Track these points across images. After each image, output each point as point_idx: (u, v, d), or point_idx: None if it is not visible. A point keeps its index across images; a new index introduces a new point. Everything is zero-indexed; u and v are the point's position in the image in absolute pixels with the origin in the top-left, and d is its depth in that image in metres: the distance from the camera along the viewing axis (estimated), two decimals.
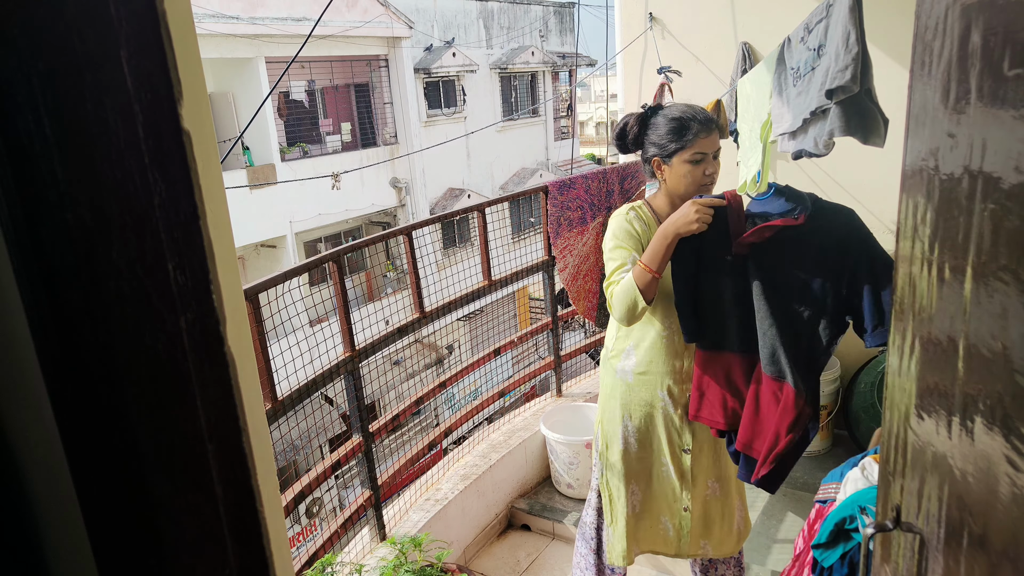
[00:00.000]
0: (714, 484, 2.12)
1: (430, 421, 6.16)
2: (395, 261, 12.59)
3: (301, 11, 11.30)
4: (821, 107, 1.62)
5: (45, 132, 0.37)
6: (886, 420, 1.16)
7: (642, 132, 1.92)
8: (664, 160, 1.88)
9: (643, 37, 3.64)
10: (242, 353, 0.48)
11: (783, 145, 1.85)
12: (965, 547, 0.84)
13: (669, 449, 2.06)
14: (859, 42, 1.50)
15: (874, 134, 1.57)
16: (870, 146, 1.59)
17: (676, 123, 1.84)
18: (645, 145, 1.93)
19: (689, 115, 1.83)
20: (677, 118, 1.84)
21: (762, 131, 2.01)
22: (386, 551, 2.53)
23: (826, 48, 1.62)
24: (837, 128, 1.58)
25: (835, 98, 1.56)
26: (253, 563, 0.50)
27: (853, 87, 1.51)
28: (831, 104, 1.59)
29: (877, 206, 3.22)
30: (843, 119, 1.57)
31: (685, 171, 1.86)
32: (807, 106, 1.67)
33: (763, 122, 2.00)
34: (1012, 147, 0.70)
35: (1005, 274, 0.72)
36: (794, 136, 1.79)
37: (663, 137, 1.87)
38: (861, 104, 1.56)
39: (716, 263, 2.10)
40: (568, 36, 17.57)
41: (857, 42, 1.50)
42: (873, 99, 1.56)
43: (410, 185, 13.56)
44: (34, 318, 0.38)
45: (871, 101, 1.56)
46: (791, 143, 1.81)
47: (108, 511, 0.41)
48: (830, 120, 1.60)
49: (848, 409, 3.30)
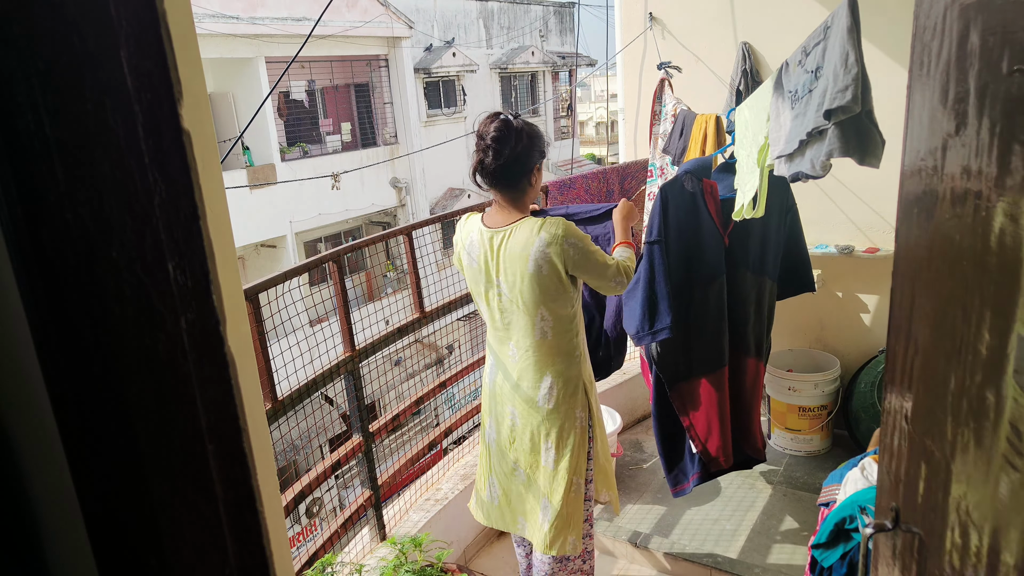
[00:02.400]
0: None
1: (430, 421, 6.17)
2: (395, 261, 12.58)
3: (301, 11, 11.30)
4: (818, 128, 1.62)
5: (45, 132, 0.37)
6: (885, 420, 1.16)
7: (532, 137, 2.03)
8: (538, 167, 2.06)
9: (643, 37, 3.65)
10: (242, 353, 0.48)
11: (779, 168, 1.86)
12: (965, 547, 0.84)
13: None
14: (858, 63, 1.51)
15: (871, 154, 1.57)
16: (866, 166, 1.59)
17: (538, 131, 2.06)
18: (532, 152, 2.02)
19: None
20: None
21: (759, 155, 2.02)
22: (386, 551, 2.53)
23: (824, 70, 1.62)
24: (836, 149, 1.58)
25: (834, 119, 1.56)
26: (253, 563, 0.50)
27: (854, 107, 1.52)
28: (829, 125, 1.59)
29: (877, 205, 3.22)
30: (841, 140, 1.57)
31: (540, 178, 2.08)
32: (804, 127, 1.67)
33: (760, 146, 2.01)
34: (1010, 148, 0.70)
35: (1004, 274, 0.72)
36: (791, 159, 1.79)
37: (543, 143, 2.06)
38: (860, 125, 1.56)
39: (711, 259, 2.24)
40: (568, 36, 17.57)
41: (856, 63, 1.51)
42: (873, 120, 1.56)
43: (410, 185, 13.56)
44: (34, 318, 0.38)
45: (871, 122, 1.56)
46: (787, 166, 1.81)
47: (108, 511, 0.42)
48: (828, 141, 1.60)
49: (848, 409, 3.30)
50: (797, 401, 3.26)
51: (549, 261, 1.92)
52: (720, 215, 2.36)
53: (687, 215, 2.31)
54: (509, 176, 1.98)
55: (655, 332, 2.25)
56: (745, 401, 2.60)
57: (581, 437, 2.12)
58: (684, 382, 2.45)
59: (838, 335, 3.46)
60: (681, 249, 2.32)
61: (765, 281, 2.55)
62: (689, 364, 2.44)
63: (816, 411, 3.26)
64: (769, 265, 2.54)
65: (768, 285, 2.57)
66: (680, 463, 2.55)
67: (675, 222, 2.29)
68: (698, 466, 2.50)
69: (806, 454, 3.34)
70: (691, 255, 2.35)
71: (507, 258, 1.98)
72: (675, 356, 2.41)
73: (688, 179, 2.31)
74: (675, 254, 2.31)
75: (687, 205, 2.31)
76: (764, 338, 2.62)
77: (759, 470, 3.23)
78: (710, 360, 2.45)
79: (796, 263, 2.65)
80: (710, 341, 2.44)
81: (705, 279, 2.38)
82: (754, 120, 2.08)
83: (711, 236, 2.35)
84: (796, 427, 3.31)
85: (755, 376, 2.60)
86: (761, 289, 2.55)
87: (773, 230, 2.50)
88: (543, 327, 2.02)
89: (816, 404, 3.25)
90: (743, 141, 2.18)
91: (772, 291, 2.60)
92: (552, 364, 2.05)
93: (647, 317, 2.25)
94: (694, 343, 2.42)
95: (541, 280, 1.95)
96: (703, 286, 2.38)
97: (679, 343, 2.39)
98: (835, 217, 3.29)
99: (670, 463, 2.56)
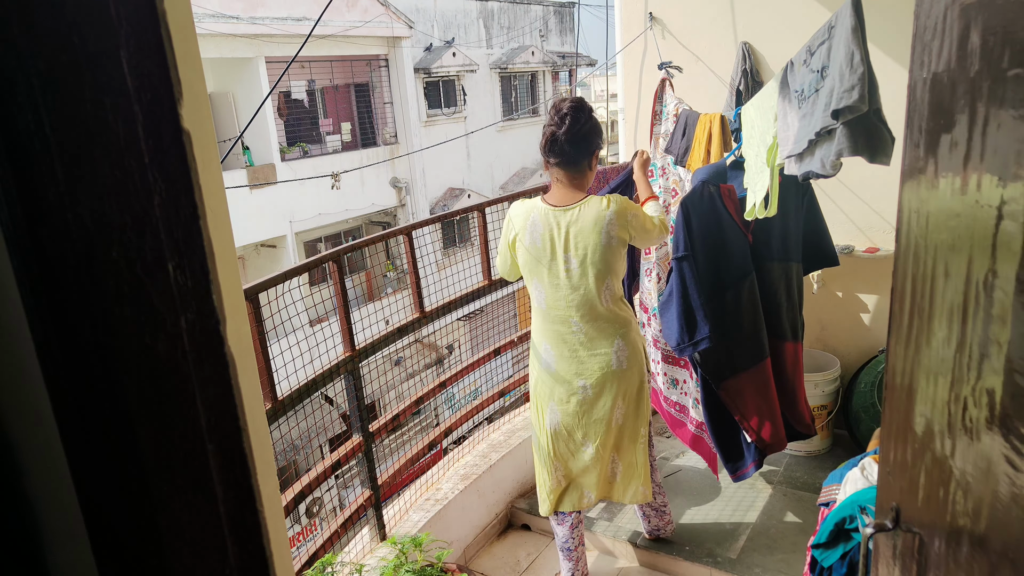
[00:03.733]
0: None
1: (430, 421, 6.17)
2: (395, 261, 12.58)
3: (301, 11, 11.29)
4: (827, 127, 1.62)
5: (45, 132, 0.37)
6: (885, 420, 1.16)
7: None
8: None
9: (643, 37, 3.64)
10: (242, 353, 0.48)
11: (790, 168, 1.87)
12: (965, 547, 0.84)
13: None
14: (864, 62, 1.51)
15: (881, 152, 1.57)
16: (876, 164, 1.59)
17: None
18: (595, 136, 2.23)
19: None
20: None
21: (768, 155, 2.02)
22: (386, 551, 2.53)
23: (829, 69, 1.62)
24: (845, 148, 1.58)
25: (842, 118, 1.56)
26: (253, 563, 0.50)
27: (861, 106, 1.52)
28: (837, 125, 1.59)
29: (878, 205, 3.22)
30: (851, 139, 1.57)
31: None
32: (813, 127, 1.67)
33: (768, 146, 2.01)
34: (1011, 147, 0.70)
35: (1004, 274, 0.72)
36: (801, 158, 1.79)
37: (602, 136, 2.27)
38: (868, 123, 1.56)
39: (737, 259, 2.27)
40: (568, 36, 17.56)
41: (862, 62, 1.51)
42: (881, 118, 1.56)
43: (410, 185, 13.56)
44: (34, 318, 0.38)
45: (879, 120, 1.56)
46: (798, 165, 1.81)
47: (108, 511, 0.42)
48: (837, 140, 1.60)
49: (848, 409, 3.30)
50: None
51: (618, 233, 2.16)
52: (740, 215, 2.40)
53: (710, 223, 2.36)
54: (576, 152, 2.18)
55: (696, 343, 2.36)
56: (789, 383, 2.66)
57: (646, 393, 2.37)
58: (731, 379, 2.49)
59: (838, 335, 3.46)
60: (709, 257, 2.37)
61: (791, 266, 2.60)
62: (732, 362, 2.47)
63: (816, 411, 3.26)
64: (793, 250, 2.59)
65: (794, 269, 2.63)
66: (737, 454, 2.60)
67: (699, 232, 2.35)
68: (755, 454, 2.56)
69: (806, 454, 3.34)
70: (719, 260, 2.39)
71: (578, 233, 2.17)
72: (717, 357, 2.45)
73: (705, 188, 2.34)
74: (703, 263, 2.36)
75: (709, 214, 2.36)
76: (797, 320, 2.67)
77: (760, 469, 3.23)
78: (752, 355, 2.49)
79: (818, 240, 2.69)
80: (749, 337, 2.47)
81: (735, 280, 2.43)
82: (761, 120, 2.08)
83: (735, 237, 2.39)
84: None
85: (795, 358, 2.66)
86: (789, 275, 2.59)
87: (792, 215, 2.54)
88: (607, 296, 2.22)
89: (816, 404, 3.25)
90: (751, 141, 2.18)
91: (799, 273, 2.66)
92: (619, 329, 2.26)
93: (685, 330, 2.35)
94: (734, 342, 2.46)
95: (611, 251, 2.18)
96: (735, 286, 2.43)
97: (720, 345, 2.42)
98: (835, 217, 3.29)
99: (727, 455, 2.61)
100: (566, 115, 2.15)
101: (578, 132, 2.15)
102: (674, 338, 2.35)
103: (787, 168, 1.89)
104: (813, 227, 2.66)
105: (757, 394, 2.50)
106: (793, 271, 2.61)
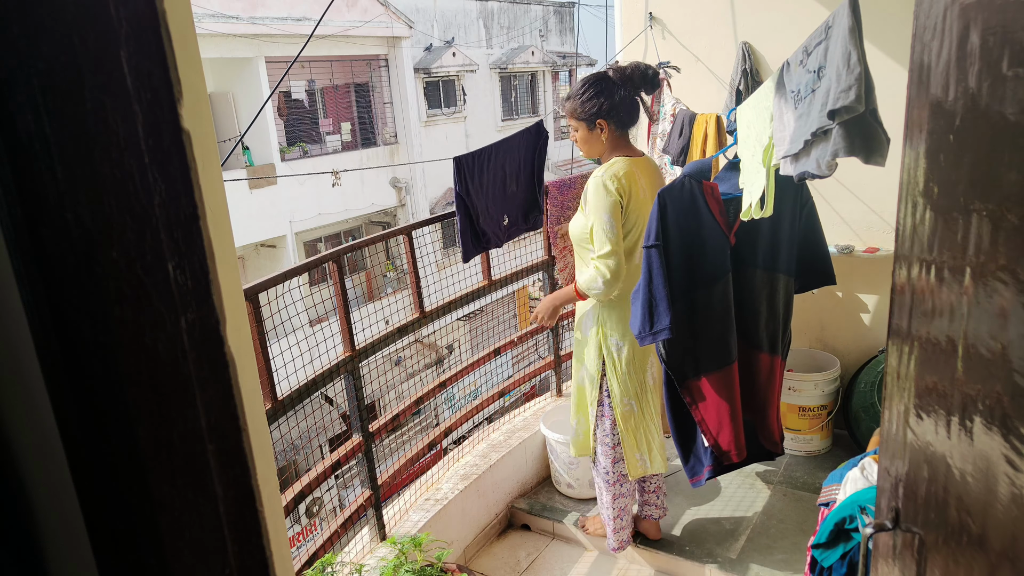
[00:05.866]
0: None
1: (430, 421, 6.17)
2: (395, 261, 12.58)
3: (301, 11, 11.29)
4: (823, 128, 1.62)
5: (45, 132, 0.37)
6: (885, 420, 1.16)
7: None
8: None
9: (643, 37, 3.64)
10: (242, 353, 0.48)
11: (785, 168, 1.86)
12: (964, 547, 0.84)
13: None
14: (860, 62, 1.50)
15: (876, 153, 1.57)
16: (871, 165, 1.59)
17: None
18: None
19: None
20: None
21: (764, 155, 2.02)
22: (386, 551, 2.53)
23: (826, 70, 1.62)
24: (841, 149, 1.58)
25: (838, 118, 1.56)
26: (253, 563, 0.50)
27: (858, 107, 1.51)
28: (833, 125, 1.59)
29: (877, 206, 3.22)
30: (846, 139, 1.57)
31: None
32: (808, 128, 1.67)
33: (764, 147, 2.01)
34: (1010, 147, 0.70)
35: (1004, 274, 0.72)
36: (796, 159, 1.79)
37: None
38: (864, 124, 1.56)
39: (715, 261, 2.23)
40: (568, 36, 17.56)
41: (859, 62, 1.50)
42: (877, 118, 1.56)
43: (410, 185, 13.56)
44: (34, 318, 0.38)
45: (875, 120, 1.56)
46: (793, 166, 1.81)
47: (108, 511, 0.42)
48: (833, 141, 1.60)
49: (848, 409, 3.30)
50: (797, 401, 3.26)
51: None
52: (724, 215, 2.37)
53: (687, 218, 2.32)
54: (635, 109, 2.44)
55: (655, 333, 2.28)
56: (760, 396, 2.62)
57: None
58: (693, 379, 2.47)
59: (838, 335, 3.46)
60: (682, 251, 2.33)
61: (778, 277, 2.54)
62: (696, 362, 2.45)
63: (816, 411, 3.26)
64: (782, 261, 2.54)
65: (782, 280, 2.57)
66: (695, 454, 2.58)
67: (675, 226, 2.30)
68: (711, 459, 2.53)
69: (806, 454, 3.34)
70: (693, 257, 2.36)
71: (657, 180, 2.49)
72: (682, 355, 2.43)
73: (687, 182, 2.31)
74: (676, 256, 2.32)
75: (687, 209, 2.32)
76: (779, 334, 2.61)
77: (758, 470, 3.23)
78: (717, 358, 2.46)
79: (814, 257, 2.63)
80: (716, 340, 2.45)
81: (708, 279, 2.39)
82: (757, 120, 2.08)
83: (714, 236, 2.36)
84: (796, 427, 3.31)
85: (770, 371, 2.61)
86: (774, 285, 2.54)
87: (786, 225, 2.49)
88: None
89: (816, 404, 3.25)
90: (746, 141, 2.17)
91: (787, 286, 2.59)
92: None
93: (647, 319, 2.28)
94: (700, 342, 2.44)
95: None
96: (706, 286, 2.39)
97: (685, 342, 2.40)
98: (834, 217, 3.29)
99: (686, 454, 2.59)
100: (630, 75, 2.40)
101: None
102: (636, 326, 2.34)
103: (783, 168, 1.88)
104: (811, 244, 2.60)
105: (719, 399, 2.48)
106: (780, 282, 2.56)
